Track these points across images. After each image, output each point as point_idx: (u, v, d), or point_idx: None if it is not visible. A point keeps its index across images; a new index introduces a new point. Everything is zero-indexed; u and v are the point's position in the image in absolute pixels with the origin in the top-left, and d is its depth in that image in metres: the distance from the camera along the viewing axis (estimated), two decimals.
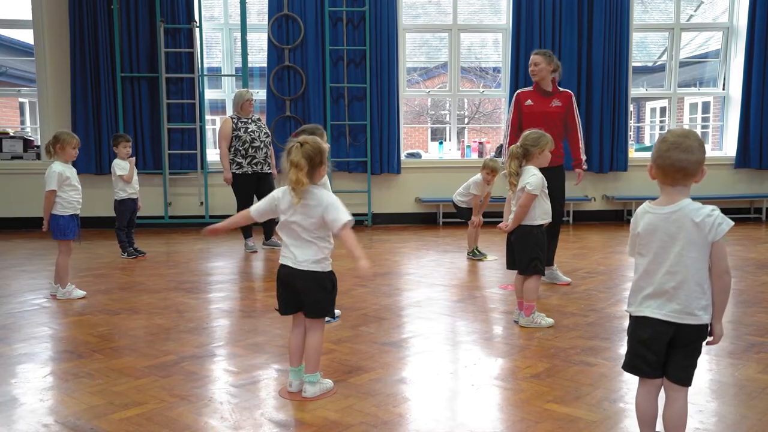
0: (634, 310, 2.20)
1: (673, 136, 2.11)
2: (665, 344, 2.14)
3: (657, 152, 2.11)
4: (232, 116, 6.78)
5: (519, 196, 3.96)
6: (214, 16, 9.52)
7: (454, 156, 9.27)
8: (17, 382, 3.12)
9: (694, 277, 2.08)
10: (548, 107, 5.06)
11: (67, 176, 4.77)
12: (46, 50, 8.37)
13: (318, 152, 2.75)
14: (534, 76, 5.07)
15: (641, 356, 2.18)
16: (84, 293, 4.85)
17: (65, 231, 4.79)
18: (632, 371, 2.23)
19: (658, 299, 2.13)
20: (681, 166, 2.07)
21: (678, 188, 2.11)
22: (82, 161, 8.28)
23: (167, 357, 3.43)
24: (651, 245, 2.14)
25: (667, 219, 2.11)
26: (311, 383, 2.88)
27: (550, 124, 4.92)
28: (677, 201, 2.10)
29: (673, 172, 2.09)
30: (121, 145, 6.39)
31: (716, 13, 10.67)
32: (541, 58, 5.03)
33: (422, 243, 7.33)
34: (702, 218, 2.05)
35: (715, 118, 11.06)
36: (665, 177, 2.11)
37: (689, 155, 2.06)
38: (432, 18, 12.52)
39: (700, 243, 2.07)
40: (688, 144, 2.07)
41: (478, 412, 2.72)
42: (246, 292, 5.14)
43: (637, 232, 2.18)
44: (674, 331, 2.12)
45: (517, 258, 4.02)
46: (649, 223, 2.14)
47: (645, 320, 2.16)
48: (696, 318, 2.10)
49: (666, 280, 2.11)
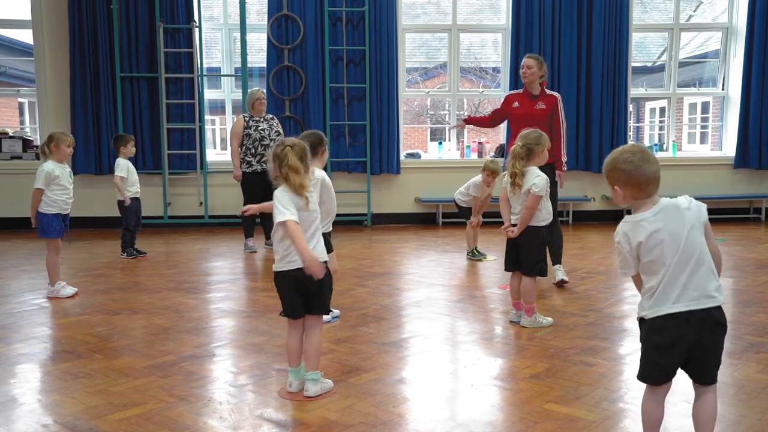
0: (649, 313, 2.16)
1: (635, 153, 2.17)
2: (685, 349, 2.11)
3: (627, 172, 2.15)
4: (245, 115, 6.82)
5: (523, 198, 3.95)
6: (214, 16, 9.52)
7: (454, 156, 9.27)
8: (16, 382, 3.12)
9: (703, 261, 2.11)
10: (532, 109, 5.17)
11: (56, 175, 4.78)
12: (46, 50, 8.36)
13: (305, 152, 2.85)
14: (524, 78, 5.16)
15: (658, 364, 2.15)
16: (74, 291, 4.86)
17: (48, 229, 4.80)
18: (648, 381, 2.20)
19: (674, 292, 2.11)
20: (655, 177, 2.16)
21: (652, 198, 2.18)
22: (81, 161, 8.29)
23: (166, 357, 3.43)
24: (662, 243, 2.12)
25: (661, 218, 2.13)
26: (313, 381, 2.88)
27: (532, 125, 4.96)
28: (657, 203, 2.16)
29: (648, 184, 2.15)
30: (129, 144, 6.42)
31: (715, 13, 10.67)
32: (534, 62, 5.13)
33: (422, 243, 7.33)
34: (689, 204, 2.15)
35: (715, 118, 11.06)
36: (641, 192, 2.17)
37: (657, 165, 2.17)
38: (431, 18, 12.52)
39: (698, 226, 2.13)
40: (651, 156, 2.19)
41: (477, 413, 2.72)
42: (245, 292, 5.14)
43: (638, 242, 2.15)
44: (695, 333, 2.10)
45: (523, 259, 3.99)
46: (648, 228, 2.14)
47: (662, 322, 2.12)
48: (714, 300, 2.11)
49: (680, 271, 2.10)
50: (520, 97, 5.24)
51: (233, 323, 4.17)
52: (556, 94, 5.25)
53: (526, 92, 5.23)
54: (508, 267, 4.12)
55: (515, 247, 4.03)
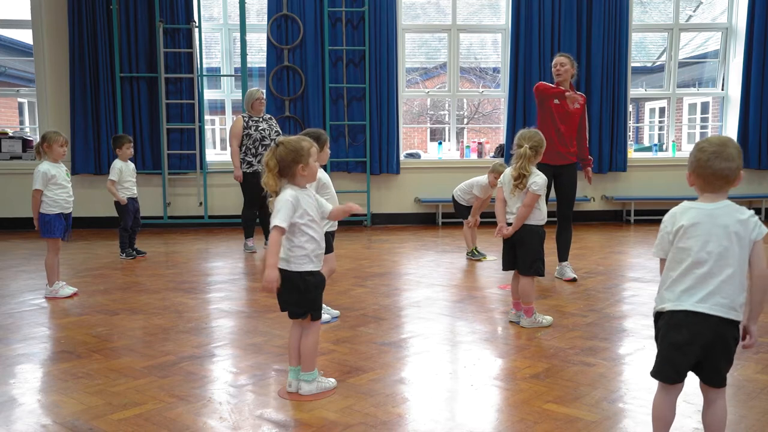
0: (673, 305, 2.15)
1: (712, 146, 2.14)
2: (700, 347, 2.11)
3: (697, 162, 2.15)
4: (244, 115, 6.81)
5: (522, 198, 3.94)
6: (213, 17, 9.52)
7: (454, 156, 9.26)
8: (16, 382, 3.12)
9: (738, 273, 2.10)
10: (571, 108, 5.17)
11: (53, 175, 4.78)
12: (45, 50, 8.36)
13: (292, 152, 2.76)
14: (558, 76, 5.17)
15: (673, 361, 2.15)
16: (73, 291, 4.86)
17: (51, 229, 4.81)
18: (661, 378, 2.19)
19: (702, 292, 2.10)
20: (723, 175, 2.12)
21: (718, 194, 2.16)
22: (80, 161, 8.30)
23: (166, 357, 3.43)
24: (697, 239, 2.12)
25: (712, 214, 2.13)
26: (307, 381, 2.89)
27: (572, 124, 5.17)
28: (720, 201, 2.15)
29: (715, 179, 2.13)
30: (124, 146, 6.39)
31: (715, 14, 10.68)
32: (567, 60, 5.15)
33: (421, 243, 7.33)
34: (747, 216, 2.12)
35: (714, 119, 11.05)
36: (706, 185, 2.16)
37: (730, 163, 2.12)
38: (431, 18, 12.52)
39: (743, 240, 2.11)
40: (728, 153, 2.12)
41: (477, 413, 2.72)
42: (245, 292, 5.14)
43: (681, 224, 2.15)
44: (712, 333, 2.10)
45: (520, 258, 3.99)
46: (696, 217, 2.14)
47: (680, 318, 2.12)
48: (737, 314, 2.11)
49: (712, 273, 2.10)
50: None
51: (233, 323, 4.17)
52: (583, 95, 5.33)
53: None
54: (505, 266, 4.11)
55: (512, 246, 4.03)
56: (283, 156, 2.75)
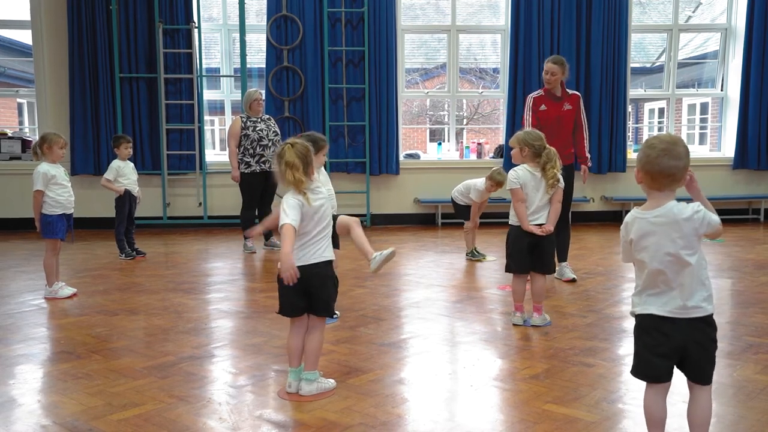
0: (639, 309, 2.20)
1: (662, 143, 2.13)
2: (674, 348, 2.13)
3: (646, 158, 2.14)
4: (242, 115, 6.81)
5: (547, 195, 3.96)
6: (213, 17, 9.53)
7: (453, 157, 9.26)
8: (15, 382, 3.12)
9: (693, 273, 2.11)
10: (561, 111, 5.18)
11: (53, 175, 4.78)
12: (45, 51, 8.36)
13: (308, 151, 2.83)
14: (548, 83, 5.15)
15: (649, 362, 2.18)
16: (72, 291, 4.86)
17: (54, 230, 4.80)
18: (641, 377, 2.22)
19: (664, 296, 2.14)
20: (670, 173, 2.11)
21: (665, 192, 2.15)
22: (80, 162, 8.30)
23: (166, 358, 3.43)
24: (647, 250, 2.16)
25: (656, 222, 2.14)
26: (308, 381, 2.89)
27: (564, 126, 5.17)
28: (664, 204, 2.14)
29: (662, 177, 2.12)
30: (122, 146, 6.39)
31: (714, 14, 10.68)
32: (557, 68, 5.10)
33: (421, 244, 7.33)
34: (690, 214, 2.10)
35: (714, 119, 11.06)
36: (653, 182, 2.15)
37: (678, 162, 2.11)
38: (431, 19, 12.52)
39: (692, 238, 2.11)
40: (677, 151, 2.11)
41: (476, 413, 2.72)
42: (245, 292, 5.14)
43: (630, 238, 2.20)
44: (681, 335, 2.12)
45: (545, 258, 3.98)
46: (641, 228, 2.17)
47: (650, 322, 2.15)
48: (701, 310, 2.12)
49: (671, 278, 2.12)
50: (546, 100, 5.19)
51: (232, 324, 4.17)
52: (577, 93, 5.32)
53: (547, 93, 5.19)
54: (522, 269, 4.00)
55: (532, 248, 3.96)
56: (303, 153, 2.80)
